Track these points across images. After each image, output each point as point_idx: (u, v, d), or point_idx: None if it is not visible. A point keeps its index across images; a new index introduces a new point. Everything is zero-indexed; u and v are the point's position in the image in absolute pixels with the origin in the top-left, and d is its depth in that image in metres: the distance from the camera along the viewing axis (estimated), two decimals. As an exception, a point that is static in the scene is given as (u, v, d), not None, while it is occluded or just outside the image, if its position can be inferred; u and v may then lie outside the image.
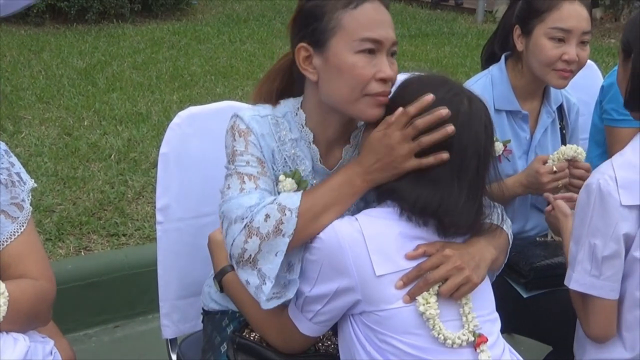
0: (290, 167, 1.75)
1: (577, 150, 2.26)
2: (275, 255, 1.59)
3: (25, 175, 1.71)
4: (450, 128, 1.58)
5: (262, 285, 1.61)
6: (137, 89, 6.55)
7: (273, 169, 1.73)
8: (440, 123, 1.58)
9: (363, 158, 1.65)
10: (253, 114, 1.74)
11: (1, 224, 1.62)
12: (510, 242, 1.82)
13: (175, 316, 2.24)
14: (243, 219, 1.60)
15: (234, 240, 1.61)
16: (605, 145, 2.87)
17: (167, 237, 2.20)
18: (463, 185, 1.61)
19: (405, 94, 1.66)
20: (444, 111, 1.58)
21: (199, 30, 9.57)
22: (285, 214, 1.59)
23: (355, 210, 1.74)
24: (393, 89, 1.70)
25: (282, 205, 1.60)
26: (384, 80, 1.64)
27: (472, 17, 11.37)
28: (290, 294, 1.65)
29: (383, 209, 1.65)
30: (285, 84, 1.81)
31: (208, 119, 2.23)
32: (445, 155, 1.59)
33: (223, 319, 1.96)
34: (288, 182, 1.72)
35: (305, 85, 1.76)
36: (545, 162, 2.26)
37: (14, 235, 1.63)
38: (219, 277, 1.91)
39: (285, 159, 1.75)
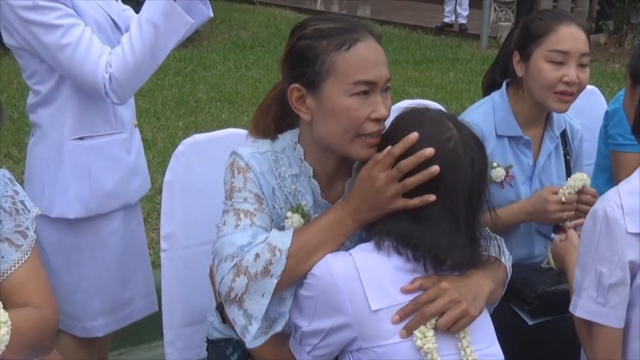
0: (291, 203, 1.75)
1: (584, 178, 2.27)
2: (262, 296, 1.61)
3: (29, 203, 1.71)
4: (434, 168, 1.57)
5: (248, 326, 1.63)
6: (143, 115, 6.57)
7: (274, 206, 1.73)
8: (427, 162, 1.58)
9: (352, 198, 1.66)
10: (252, 152, 1.74)
11: (5, 252, 1.62)
12: (509, 275, 1.80)
13: (180, 344, 2.23)
14: (233, 257, 1.62)
15: (222, 278, 1.63)
16: (611, 171, 2.87)
17: (172, 265, 2.20)
18: (454, 221, 1.60)
19: (398, 130, 1.66)
20: (427, 151, 1.58)
21: (205, 57, 9.62)
22: (275, 255, 1.60)
23: (358, 239, 1.73)
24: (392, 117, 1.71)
25: (272, 245, 1.61)
26: (377, 120, 1.64)
27: (476, 43, 11.40)
28: (278, 328, 1.67)
29: (379, 240, 1.63)
30: (280, 114, 1.80)
31: (213, 147, 2.23)
32: (431, 198, 1.58)
33: (227, 347, 1.95)
34: (296, 218, 1.72)
35: (300, 121, 1.75)
36: (554, 193, 2.26)
37: (18, 263, 1.63)
38: (221, 307, 1.90)
39: (286, 194, 1.74)
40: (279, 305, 1.68)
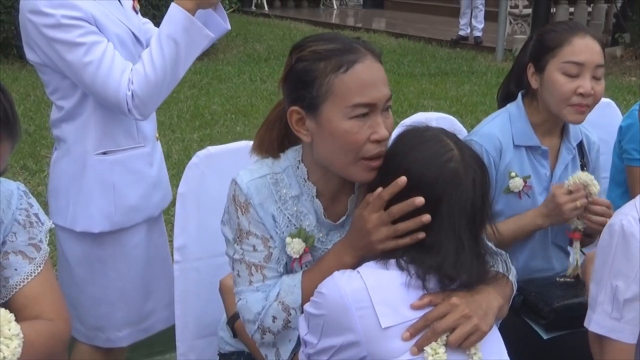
0: (294, 225, 1.75)
1: (592, 180, 2.25)
2: (289, 341, 1.75)
3: (43, 216, 1.72)
4: (426, 218, 1.57)
5: None
6: (158, 127, 6.49)
7: (276, 232, 1.74)
8: (428, 186, 1.59)
9: (350, 236, 1.70)
10: (251, 178, 1.73)
11: (18, 265, 1.62)
12: (515, 291, 1.79)
13: (193, 356, 2.23)
14: (254, 322, 1.73)
15: (252, 336, 1.76)
16: (626, 185, 2.85)
17: (185, 277, 2.21)
18: (458, 241, 1.59)
19: (397, 151, 1.66)
20: (417, 200, 1.57)
21: (220, 69, 9.67)
22: (290, 314, 1.71)
23: None
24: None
25: (285, 304, 1.71)
26: (378, 141, 1.63)
27: (491, 56, 11.38)
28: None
29: (384, 260, 1.63)
30: (284, 132, 1.78)
31: (226, 159, 2.24)
32: (421, 235, 1.59)
33: (239, 360, 1.96)
34: (296, 243, 1.74)
35: (302, 141, 1.74)
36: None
37: (31, 276, 1.63)
38: (232, 322, 1.90)
39: (288, 217, 1.74)
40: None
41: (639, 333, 1.77)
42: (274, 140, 1.80)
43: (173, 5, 2.15)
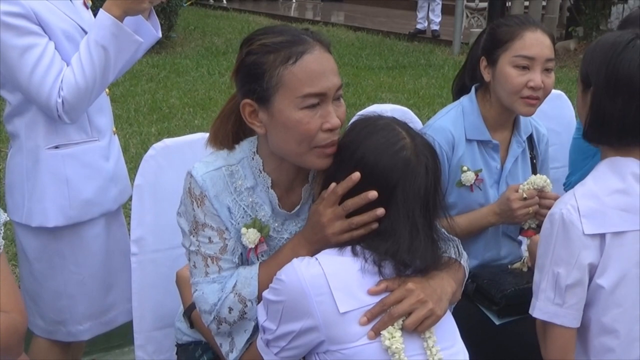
0: (250, 215, 1.77)
1: (546, 180, 2.30)
2: (245, 332, 1.78)
3: (-3, 210, 1.71)
4: (380, 211, 1.61)
5: (229, 353, 1.79)
6: (116, 121, 6.45)
7: (231, 223, 1.76)
8: (384, 177, 1.63)
9: (305, 230, 1.73)
10: (206, 171, 1.74)
11: (-28, 257, 1.62)
12: (467, 275, 1.84)
13: (150, 348, 2.23)
14: (211, 312, 1.75)
15: (208, 326, 1.78)
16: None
17: (142, 269, 2.21)
18: (413, 228, 1.63)
19: (351, 140, 1.69)
20: (370, 194, 1.61)
21: (178, 63, 9.61)
22: (247, 305, 1.73)
23: None
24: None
25: (241, 296, 1.73)
26: (330, 130, 1.65)
27: (449, 49, 11.49)
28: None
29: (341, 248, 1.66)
30: (239, 124, 1.80)
31: (182, 151, 2.24)
32: (374, 226, 1.63)
33: (196, 349, 1.97)
34: (251, 233, 1.76)
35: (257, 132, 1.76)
36: (516, 191, 2.30)
37: (-15, 268, 1.63)
38: (188, 313, 1.92)
39: (244, 208, 1.76)
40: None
41: (580, 318, 1.82)
42: (229, 132, 1.81)
43: (100, 11, 2.14)
